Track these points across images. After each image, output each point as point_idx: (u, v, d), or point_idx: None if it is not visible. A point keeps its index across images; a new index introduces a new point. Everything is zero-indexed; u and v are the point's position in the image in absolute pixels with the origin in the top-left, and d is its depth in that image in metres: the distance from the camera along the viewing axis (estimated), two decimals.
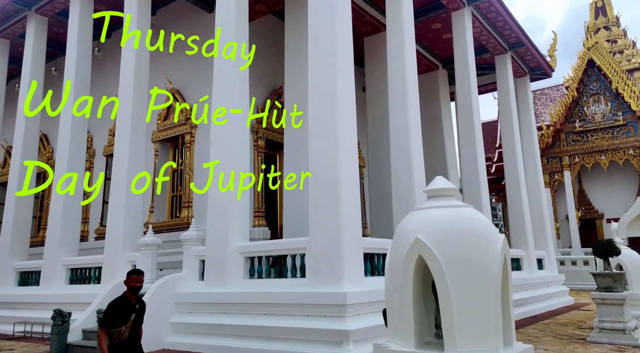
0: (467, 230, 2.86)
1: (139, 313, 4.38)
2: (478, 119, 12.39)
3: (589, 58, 29.08)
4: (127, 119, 9.63)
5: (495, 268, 2.79)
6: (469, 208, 3.07)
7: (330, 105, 6.99)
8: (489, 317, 2.74)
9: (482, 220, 2.98)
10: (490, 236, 2.90)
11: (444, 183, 3.24)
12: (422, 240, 2.87)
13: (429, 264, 2.83)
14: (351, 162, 7.04)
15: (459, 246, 2.81)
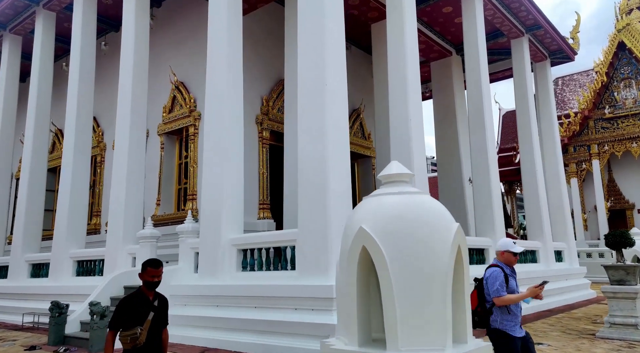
0: (415, 219, 2.64)
1: (159, 312, 3.54)
2: (489, 105, 11.92)
3: (620, 40, 27.76)
4: (126, 112, 9.65)
5: (445, 260, 2.57)
6: (422, 195, 2.84)
7: (318, 94, 6.78)
8: (436, 313, 2.52)
9: (435, 209, 2.75)
10: (442, 225, 2.67)
11: (398, 169, 3.02)
12: (365, 230, 2.67)
13: (372, 256, 2.63)
14: (341, 154, 6.82)
15: (405, 236, 2.59)
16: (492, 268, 4.16)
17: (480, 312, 4.11)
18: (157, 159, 12.61)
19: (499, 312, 4.03)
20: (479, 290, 4.15)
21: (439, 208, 2.75)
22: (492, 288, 3.99)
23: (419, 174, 8.57)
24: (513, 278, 4.28)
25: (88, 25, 11.35)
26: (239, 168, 8.04)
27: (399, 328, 2.46)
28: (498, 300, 3.97)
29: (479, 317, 4.10)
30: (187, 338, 7.17)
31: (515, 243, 4.21)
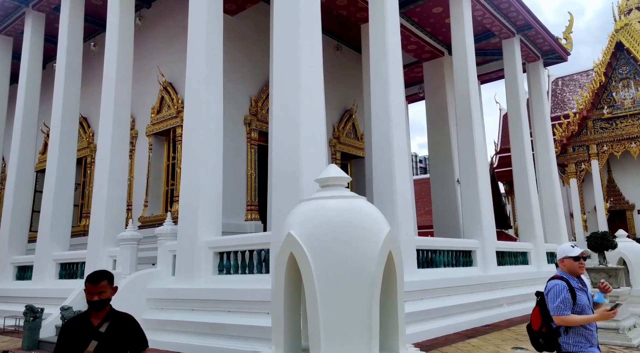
0: (344, 223, 2.57)
1: (108, 340, 2.71)
2: (477, 104, 11.83)
3: (618, 40, 27.57)
4: (109, 112, 9.63)
5: (373, 266, 2.50)
6: (356, 199, 2.77)
7: (292, 92, 6.71)
8: (361, 320, 2.45)
9: (367, 213, 2.67)
10: (372, 230, 2.59)
11: (336, 172, 2.94)
12: (292, 236, 2.61)
13: (298, 261, 2.56)
14: (316, 153, 6.74)
15: (332, 241, 2.52)
16: (553, 280, 3.49)
17: (545, 332, 3.45)
18: (145, 160, 12.59)
19: (570, 332, 3.38)
20: (541, 306, 3.50)
21: (370, 212, 2.68)
22: (552, 304, 3.33)
23: (400, 175, 8.49)
24: (583, 292, 3.51)
25: (75, 25, 11.33)
26: (216, 169, 7.98)
27: (322, 336, 2.38)
28: (559, 319, 3.31)
29: (545, 338, 3.45)
30: (161, 343, 7.10)
31: (574, 247, 3.56)
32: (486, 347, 7.06)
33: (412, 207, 12.73)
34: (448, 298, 9.04)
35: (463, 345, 7.19)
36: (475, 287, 10.11)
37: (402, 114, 8.98)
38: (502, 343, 7.29)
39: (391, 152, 8.50)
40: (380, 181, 8.55)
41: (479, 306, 9.79)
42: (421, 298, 8.32)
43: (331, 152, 15.06)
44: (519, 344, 7.24)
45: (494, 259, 11.06)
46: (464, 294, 9.62)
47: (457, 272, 9.95)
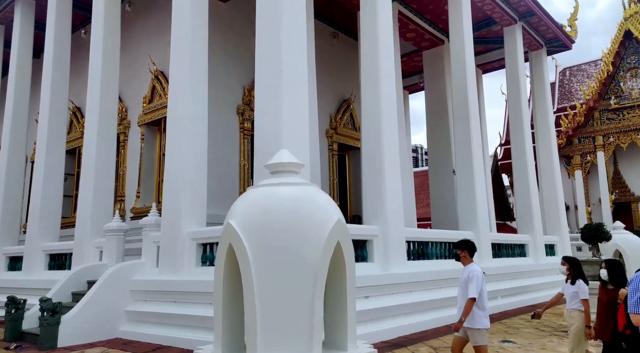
0: (287, 212, 2.39)
1: None
2: (474, 94, 11.55)
3: (627, 29, 26.99)
4: (95, 101, 9.49)
5: (316, 258, 2.32)
6: (306, 186, 2.59)
7: (274, 78, 6.53)
8: (303, 316, 2.28)
9: (314, 201, 2.50)
10: (318, 219, 2.41)
11: (287, 158, 2.76)
12: (231, 225, 2.44)
13: (236, 253, 2.39)
14: (299, 142, 6.57)
15: (273, 231, 2.35)
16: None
17: (629, 335, 3.02)
18: (137, 150, 12.46)
19: None
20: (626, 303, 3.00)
21: (319, 201, 2.50)
22: (631, 299, 2.81)
23: (390, 166, 8.29)
24: None
25: (63, 12, 11.16)
26: (201, 159, 7.83)
27: (259, 332, 2.23)
28: (637, 318, 2.77)
29: (628, 341, 3.04)
30: (143, 335, 7.02)
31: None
32: None
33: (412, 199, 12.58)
34: (439, 290, 8.87)
35: (448, 338, 7.02)
36: None
37: (393, 104, 8.76)
38: (491, 337, 7.12)
39: (381, 142, 8.29)
40: (369, 172, 8.37)
41: None
42: (410, 291, 8.17)
43: (328, 143, 14.85)
44: (508, 337, 7.08)
45: (489, 251, 10.86)
46: (456, 287, 9.41)
47: (451, 264, 9.75)
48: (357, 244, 7.80)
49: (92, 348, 6.57)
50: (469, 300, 4.34)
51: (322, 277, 2.30)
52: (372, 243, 7.91)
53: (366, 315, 6.96)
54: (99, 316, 7.10)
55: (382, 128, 8.33)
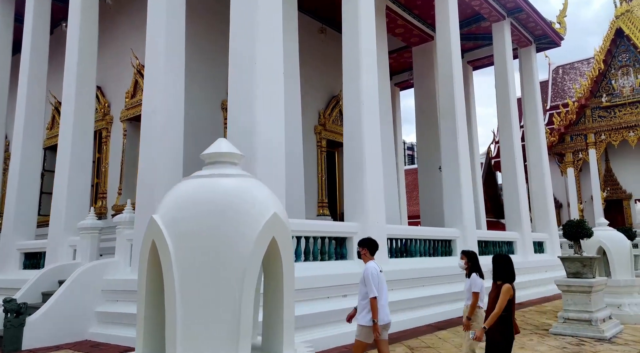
0: (217, 205, 2.20)
1: None
2: (460, 90, 11.40)
3: (618, 27, 26.94)
4: (70, 93, 9.27)
5: (245, 256, 2.13)
6: (242, 178, 2.41)
7: (246, 70, 6.35)
8: (230, 320, 2.08)
9: (249, 194, 2.31)
10: (251, 214, 2.23)
11: (226, 147, 2.58)
12: (155, 220, 2.26)
13: (158, 250, 2.21)
14: (273, 138, 6.40)
15: (200, 226, 2.15)
16: None
17: None
18: (120, 146, 12.25)
19: None
20: None
21: (255, 193, 2.32)
22: None
23: (371, 161, 8.13)
24: None
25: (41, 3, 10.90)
26: (177, 155, 7.64)
27: (179, 334, 2.05)
28: None
29: None
30: (113, 337, 6.79)
31: None
32: (452, 339, 6.76)
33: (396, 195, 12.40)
34: (422, 289, 8.73)
35: (429, 338, 6.89)
36: (454, 277, 9.78)
37: (375, 97, 8.59)
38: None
39: (361, 136, 8.13)
40: (349, 167, 8.20)
41: (457, 297, 9.46)
42: (391, 289, 7.98)
43: (316, 140, 14.69)
44: None
45: (475, 248, 10.71)
46: (441, 285, 9.32)
47: (435, 261, 9.63)
48: (337, 241, 7.64)
49: (58, 351, 6.36)
50: (371, 299, 4.37)
51: (252, 276, 2.12)
52: (352, 240, 7.74)
53: (343, 314, 6.79)
54: (67, 317, 6.88)
55: (363, 122, 8.16)
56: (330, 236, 7.46)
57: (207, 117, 11.46)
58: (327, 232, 7.37)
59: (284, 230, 2.34)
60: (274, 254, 2.33)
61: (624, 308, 7.95)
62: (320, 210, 13.93)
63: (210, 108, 11.62)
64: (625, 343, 6.35)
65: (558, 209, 29.54)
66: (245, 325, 2.09)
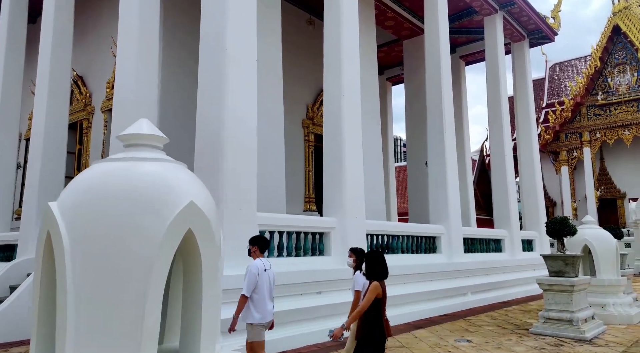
0: (122, 192, 1.96)
1: None
2: (447, 84, 11.16)
3: (615, 24, 26.71)
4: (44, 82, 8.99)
5: (152, 250, 1.89)
6: (160, 163, 2.17)
7: (216, 57, 6.10)
8: (130, 321, 1.84)
9: (163, 181, 2.06)
10: (162, 202, 1.98)
11: (148, 128, 2.34)
12: (50, 209, 2.01)
13: (53, 242, 1.96)
14: (246, 129, 6.15)
15: (101, 216, 1.91)
16: None
17: None
18: (101, 137, 11.98)
19: None
20: None
21: (170, 180, 2.06)
22: None
23: (351, 155, 7.88)
24: None
25: None
26: None
27: (69, 339, 1.81)
28: None
29: None
30: None
31: None
32: (429, 338, 6.55)
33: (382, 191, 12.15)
34: (403, 286, 8.52)
35: (405, 337, 6.68)
36: (438, 275, 9.59)
37: (356, 90, 8.35)
38: (448, 335, 6.78)
39: (341, 129, 7.89)
40: (329, 161, 7.96)
41: (439, 295, 9.28)
42: None
43: (304, 134, 14.42)
44: (467, 335, 6.73)
45: (461, 246, 10.51)
46: (423, 282, 9.11)
47: (418, 258, 9.41)
48: (314, 237, 7.42)
49: (20, 347, 6.14)
50: (240, 296, 4.33)
51: (160, 271, 1.89)
52: (329, 236, 7.52)
53: (317, 312, 6.59)
54: (15, 317, 6.61)
55: (343, 114, 7.92)
56: (306, 231, 7.23)
57: (184, 108, 11.19)
58: (303, 227, 7.14)
59: (203, 220, 2.10)
60: (192, 248, 2.10)
61: (608, 308, 7.75)
62: (307, 206, 13.69)
63: (189, 98, 11.36)
64: (606, 344, 6.15)
65: (552, 208, 29.39)
66: (150, 326, 1.86)
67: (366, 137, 11.57)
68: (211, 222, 2.15)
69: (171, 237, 1.95)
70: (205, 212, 2.13)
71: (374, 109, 12.13)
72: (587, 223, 8.30)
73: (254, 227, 6.11)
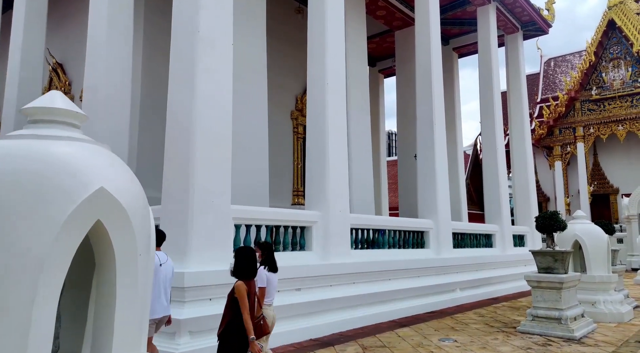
0: (16, 172, 1.62)
1: None
2: (438, 75, 10.86)
3: (610, 18, 26.44)
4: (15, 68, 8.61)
5: (47, 242, 1.56)
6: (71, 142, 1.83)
7: (188, 40, 5.75)
8: (11, 332, 1.51)
9: (71, 162, 1.72)
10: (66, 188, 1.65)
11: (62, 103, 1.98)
12: None
13: None
14: (219, 113, 5.82)
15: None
16: None
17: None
18: None
19: None
20: None
21: (80, 161, 1.74)
22: None
23: (334, 146, 7.56)
24: None
25: None
26: (120, 133, 7.04)
27: None
28: None
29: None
30: None
31: None
32: (413, 337, 6.27)
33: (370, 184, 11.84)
34: (388, 282, 8.24)
35: (387, 336, 6.41)
36: (426, 271, 9.32)
37: (341, 79, 8.01)
38: (433, 334, 6.51)
39: (325, 119, 7.57)
40: (312, 152, 7.65)
41: (426, 291, 9.01)
42: (353, 282, 7.51)
43: (293, 125, 14.09)
44: (452, 334, 6.46)
45: (450, 241, 10.25)
46: (409, 278, 8.83)
47: (405, 254, 9.13)
48: (295, 231, 7.11)
49: None
50: None
51: (54, 270, 1.56)
52: (311, 230, 7.22)
53: (295, 310, 6.30)
54: None
55: (327, 105, 7.59)
56: (286, 225, 6.93)
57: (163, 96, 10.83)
58: (282, 221, 6.83)
59: (117, 210, 1.77)
60: (103, 242, 1.78)
61: (599, 305, 7.51)
62: (295, 199, 13.39)
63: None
64: (595, 344, 5.90)
65: (545, 203, 29.23)
66: (39, 336, 1.54)
67: (355, 129, 11.27)
68: (129, 212, 1.83)
69: (72, 229, 1.63)
70: (122, 200, 1.80)
71: (363, 100, 11.81)
72: (578, 218, 8.04)
73: (227, 221, 5.79)
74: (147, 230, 2.02)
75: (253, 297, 3.62)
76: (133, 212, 1.87)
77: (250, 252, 3.76)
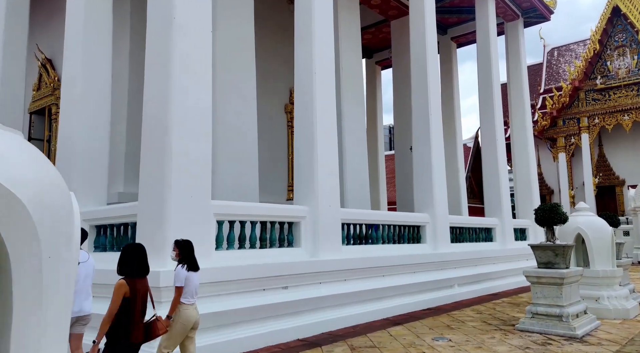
0: None
1: None
2: (434, 65, 10.51)
3: (615, 5, 25.85)
4: None
5: None
6: None
7: (163, 28, 5.45)
8: None
9: None
10: None
11: None
12: None
13: None
14: (197, 104, 5.52)
15: None
16: None
17: None
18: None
19: None
20: None
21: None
22: None
23: (323, 139, 7.25)
24: None
25: None
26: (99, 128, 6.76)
27: None
28: None
29: None
30: None
31: None
32: (405, 336, 5.98)
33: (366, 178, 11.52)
34: (382, 279, 7.94)
35: (379, 335, 6.11)
36: (422, 266, 9.01)
37: (329, 68, 7.69)
38: (427, 332, 6.21)
39: (313, 110, 7.25)
40: (300, 145, 7.34)
41: (423, 287, 8.71)
42: (344, 279, 7.22)
43: (287, 119, 13.77)
44: (447, 333, 6.16)
45: (447, 235, 9.93)
46: (404, 274, 8.53)
47: (400, 249, 8.82)
48: (282, 227, 6.82)
49: None
50: None
51: None
52: (300, 225, 6.92)
53: (281, 309, 6.01)
54: None
55: (315, 93, 7.27)
56: (272, 221, 6.63)
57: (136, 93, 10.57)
58: (268, 216, 6.53)
59: (11, 204, 1.48)
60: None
61: (603, 301, 7.18)
62: (290, 195, 13.08)
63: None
64: (599, 342, 5.58)
65: (549, 195, 28.79)
66: None
67: (349, 121, 10.93)
68: (30, 209, 1.53)
69: None
70: (20, 194, 1.51)
71: (357, 92, 11.47)
72: (581, 210, 7.70)
73: (207, 217, 5.51)
74: (66, 229, 1.73)
75: (141, 296, 3.35)
76: (39, 208, 1.58)
77: (135, 249, 3.55)
